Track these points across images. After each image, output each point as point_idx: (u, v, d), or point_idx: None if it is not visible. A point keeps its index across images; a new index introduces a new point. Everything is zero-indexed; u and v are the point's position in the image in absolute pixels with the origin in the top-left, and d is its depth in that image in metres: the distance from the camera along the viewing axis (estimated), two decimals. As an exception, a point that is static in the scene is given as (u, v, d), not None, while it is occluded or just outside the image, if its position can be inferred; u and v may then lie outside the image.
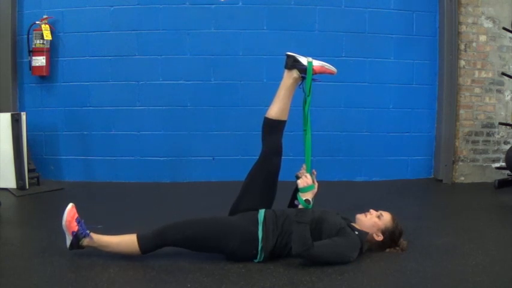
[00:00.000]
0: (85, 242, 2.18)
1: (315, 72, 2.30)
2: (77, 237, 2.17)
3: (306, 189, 2.17)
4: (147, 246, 2.18)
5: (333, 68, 2.37)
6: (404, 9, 4.25)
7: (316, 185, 2.24)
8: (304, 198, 2.15)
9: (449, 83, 4.21)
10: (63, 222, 2.18)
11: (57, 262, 2.17)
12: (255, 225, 2.18)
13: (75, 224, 2.18)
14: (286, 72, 2.35)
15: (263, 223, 2.18)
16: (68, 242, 2.19)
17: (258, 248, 2.15)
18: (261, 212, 2.24)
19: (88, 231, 2.19)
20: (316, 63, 2.32)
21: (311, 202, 2.17)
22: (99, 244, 2.21)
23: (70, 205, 2.23)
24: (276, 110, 2.35)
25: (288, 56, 2.34)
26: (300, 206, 2.16)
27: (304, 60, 2.31)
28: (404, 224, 2.37)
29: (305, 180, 2.18)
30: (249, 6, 4.14)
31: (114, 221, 2.92)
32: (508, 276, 2.09)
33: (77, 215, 2.21)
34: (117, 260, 2.20)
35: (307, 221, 2.10)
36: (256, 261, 2.19)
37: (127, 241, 2.20)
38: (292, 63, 2.31)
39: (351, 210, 2.53)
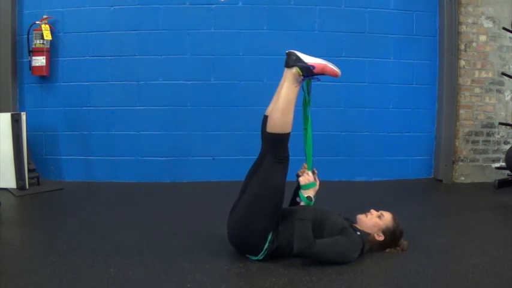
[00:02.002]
0: (297, 75, 2.20)
1: (316, 71, 2.29)
2: (305, 69, 2.20)
3: (307, 186, 2.19)
4: (283, 140, 2.20)
5: (336, 69, 2.31)
6: (404, 9, 4.25)
7: (318, 182, 2.25)
8: (306, 195, 2.18)
9: (449, 83, 4.21)
10: (328, 63, 2.25)
11: (57, 262, 2.17)
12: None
13: (318, 72, 2.23)
14: (286, 71, 2.34)
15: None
16: (300, 56, 2.23)
17: (263, 247, 2.16)
18: None
19: (304, 80, 2.25)
20: (318, 62, 2.28)
21: (313, 199, 2.18)
22: (292, 90, 2.20)
23: (340, 74, 2.27)
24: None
25: (289, 53, 2.31)
26: (302, 203, 2.17)
27: (305, 58, 2.28)
28: (404, 224, 2.37)
29: (306, 177, 2.21)
30: (249, 6, 4.14)
31: (114, 221, 2.93)
32: (508, 276, 2.09)
33: (323, 74, 2.25)
34: (117, 260, 2.20)
35: (309, 218, 2.11)
36: (255, 258, 2.19)
37: (290, 121, 2.20)
38: (294, 61, 2.31)
39: (351, 210, 2.53)
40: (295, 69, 2.20)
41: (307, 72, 2.21)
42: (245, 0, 4.13)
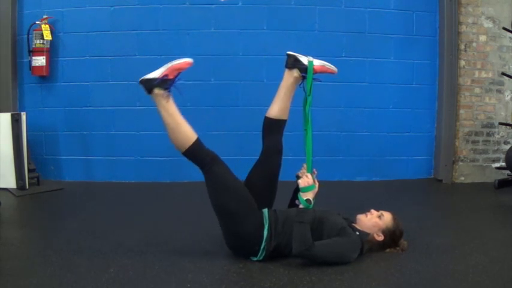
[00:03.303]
0: (160, 93, 2.21)
1: (315, 72, 2.31)
2: (162, 82, 2.20)
3: (307, 189, 2.17)
4: (196, 149, 2.27)
5: (333, 68, 2.38)
6: (404, 9, 4.25)
7: (317, 184, 2.24)
8: (305, 198, 2.16)
9: (449, 83, 4.21)
10: (173, 63, 2.22)
11: (57, 262, 2.17)
12: (262, 224, 2.19)
13: (175, 75, 2.21)
14: (286, 72, 2.36)
15: (269, 223, 2.19)
16: (150, 77, 2.21)
17: (260, 246, 2.16)
18: (265, 212, 2.24)
19: (170, 91, 2.21)
20: (317, 63, 2.33)
21: (312, 202, 2.17)
22: (166, 107, 2.22)
23: (191, 60, 2.27)
24: (276, 109, 2.36)
25: (289, 55, 2.34)
26: (301, 206, 2.16)
27: (304, 59, 2.32)
28: (404, 224, 2.37)
29: (306, 180, 2.19)
30: (249, 6, 4.14)
31: (114, 221, 2.93)
32: (508, 276, 2.08)
33: (180, 72, 2.23)
34: (117, 260, 2.20)
35: (308, 221, 2.10)
36: (255, 259, 2.19)
37: (187, 131, 2.27)
38: (293, 63, 2.32)
39: (351, 210, 2.52)
40: (156, 90, 2.24)
41: (165, 84, 2.23)
42: (245, 0, 4.13)
